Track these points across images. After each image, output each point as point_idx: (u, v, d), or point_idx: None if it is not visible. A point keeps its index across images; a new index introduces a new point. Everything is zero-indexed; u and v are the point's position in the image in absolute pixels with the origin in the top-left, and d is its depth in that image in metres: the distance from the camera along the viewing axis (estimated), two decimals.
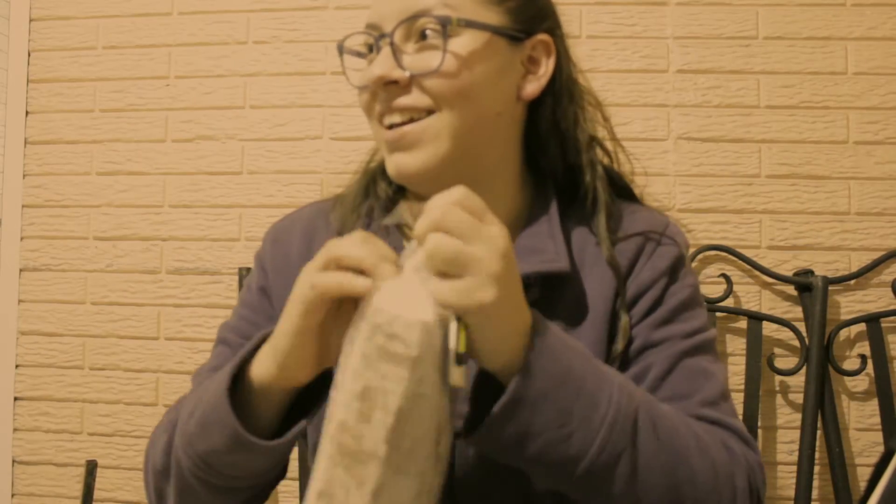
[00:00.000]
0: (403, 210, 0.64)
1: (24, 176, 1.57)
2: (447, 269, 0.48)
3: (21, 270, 1.56)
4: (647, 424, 0.54)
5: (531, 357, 0.50)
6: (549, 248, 0.66)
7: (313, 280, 0.51)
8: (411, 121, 0.63)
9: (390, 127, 0.64)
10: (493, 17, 0.64)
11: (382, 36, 0.63)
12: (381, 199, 0.73)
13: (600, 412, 0.52)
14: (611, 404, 0.52)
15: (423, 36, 0.62)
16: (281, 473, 0.64)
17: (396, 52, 0.62)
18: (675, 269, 0.68)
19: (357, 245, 0.50)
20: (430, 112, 0.62)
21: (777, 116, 1.41)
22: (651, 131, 1.43)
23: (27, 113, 1.57)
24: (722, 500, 0.56)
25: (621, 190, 0.76)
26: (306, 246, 0.73)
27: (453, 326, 0.48)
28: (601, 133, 0.76)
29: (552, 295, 0.66)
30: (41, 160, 1.57)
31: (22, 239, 1.56)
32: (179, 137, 1.53)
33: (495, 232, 0.50)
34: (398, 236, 0.70)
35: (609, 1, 1.45)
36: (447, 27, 0.61)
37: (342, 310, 0.53)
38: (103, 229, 1.54)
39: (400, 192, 0.75)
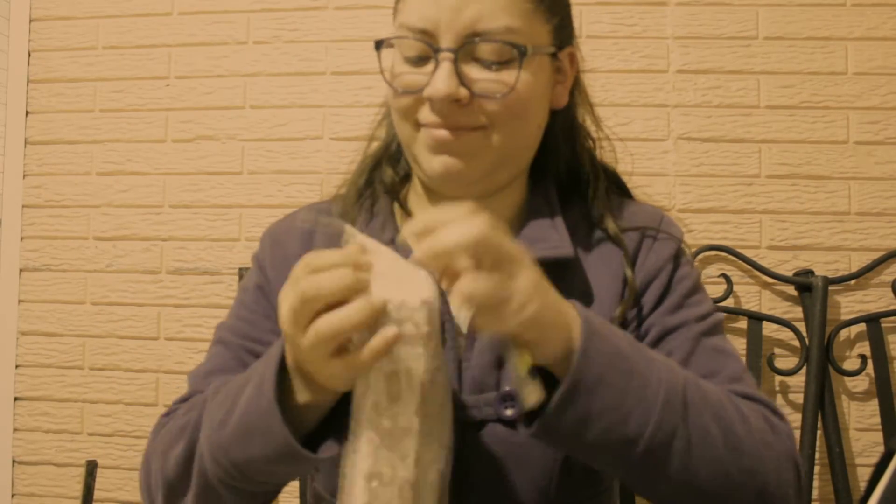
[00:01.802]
0: (406, 234, 0.65)
1: (24, 176, 1.57)
2: (485, 304, 0.49)
3: (21, 270, 1.56)
4: (696, 399, 0.56)
5: (585, 343, 0.52)
6: (553, 237, 0.68)
7: (307, 343, 0.49)
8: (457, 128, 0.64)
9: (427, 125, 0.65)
10: (544, 35, 0.66)
11: (444, 50, 0.61)
12: (385, 184, 0.75)
13: (652, 390, 0.53)
14: (661, 382, 0.54)
15: (483, 53, 0.62)
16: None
17: (459, 71, 0.62)
18: (678, 256, 0.71)
19: (318, 277, 0.49)
20: (481, 127, 0.64)
21: (777, 116, 1.41)
22: (651, 131, 1.43)
23: (27, 113, 1.58)
24: (768, 468, 0.57)
25: (616, 186, 0.79)
26: (305, 247, 0.73)
27: (512, 354, 0.52)
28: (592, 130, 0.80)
29: (558, 282, 0.66)
30: (41, 160, 1.57)
31: (22, 239, 1.56)
32: (179, 137, 1.53)
33: (517, 251, 0.51)
34: (392, 227, 0.72)
35: (609, 1, 1.45)
36: (524, 58, 0.62)
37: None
38: (103, 229, 1.54)
39: (404, 181, 0.76)
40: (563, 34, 0.70)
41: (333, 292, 0.48)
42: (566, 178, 0.75)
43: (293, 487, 1.42)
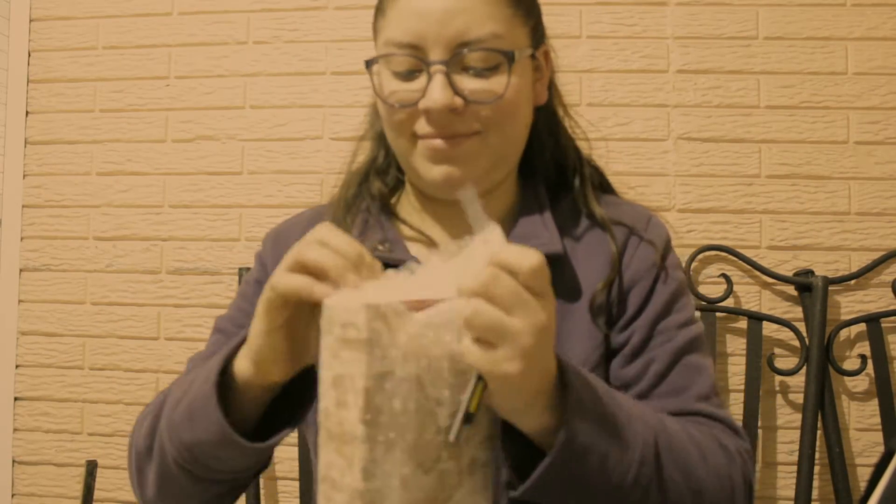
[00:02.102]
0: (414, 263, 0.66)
1: (24, 176, 1.57)
2: (482, 337, 0.48)
3: (21, 270, 1.56)
4: (665, 450, 0.57)
5: (569, 418, 0.51)
6: (543, 235, 0.70)
7: (275, 282, 0.52)
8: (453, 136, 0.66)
9: (424, 137, 0.66)
10: (523, 37, 0.68)
11: (435, 63, 0.63)
12: (375, 199, 0.76)
13: (631, 451, 0.55)
14: (637, 440, 0.55)
15: (472, 61, 0.64)
16: (262, 468, 0.65)
17: (452, 81, 0.64)
18: (663, 259, 0.72)
19: (322, 250, 0.51)
20: (476, 132, 0.66)
21: (777, 116, 1.41)
22: (651, 131, 1.43)
23: (27, 113, 1.58)
24: (723, 501, 0.60)
25: (603, 186, 0.81)
26: None
27: (471, 384, 0.50)
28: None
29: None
30: (41, 160, 1.57)
31: (22, 239, 1.56)
32: (179, 137, 1.53)
33: (537, 305, 0.49)
34: (394, 230, 0.73)
35: (609, 1, 1.45)
36: (512, 63, 0.64)
37: (317, 309, 0.53)
38: (103, 229, 1.54)
39: (393, 191, 0.78)
40: (538, 34, 0.71)
41: (316, 267, 0.51)
42: (553, 174, 0.77)
43: (293, 487, 1.42)
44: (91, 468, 1.37)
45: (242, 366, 0.57)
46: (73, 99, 1.56)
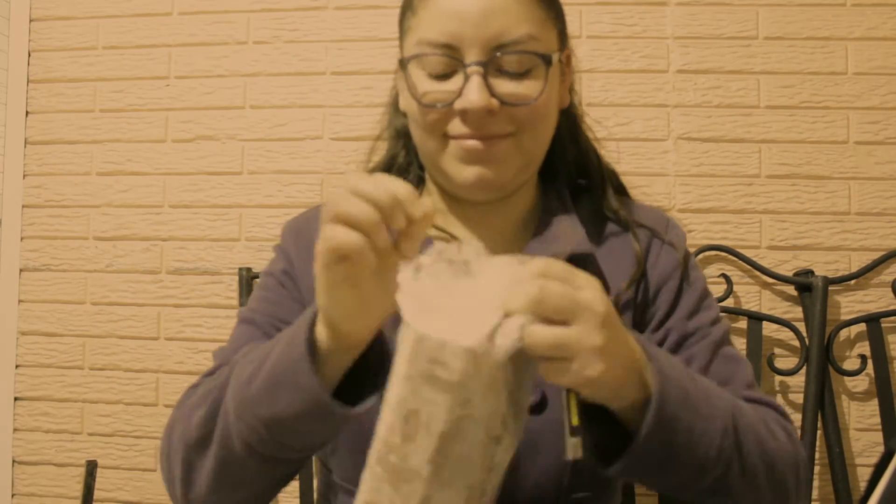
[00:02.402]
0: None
1: (24, 176, 1.57)
2: (551, 354, 0.48)
3: (21, 270, 1.56)
4: (741, 424, 0.59)
5: (659, 389, 0.52)
6: (575, 234, 0.71)
7: (321, 236, 0.51)
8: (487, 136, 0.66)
9: (457, 137, 0.66)
10: (554, 41, 0.69)
11: (472, 64, 0.63)
12: None
13: (714, 423, 0.56)
14: (719, 413, 0.57)
15: (508, 64, 0.64)
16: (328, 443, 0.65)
17: (488, 82, 0.64)
18: (686, 259, 0.74)
19: (354, 202, 0.49)
20: (509, 134, 0.66)
21: (777, 116, 1.41)
22: (651, 131, 1.43)
23: (27, 113, 1.58)
24: (788, 476, 0.62)
25: (617, 187, 0.82)
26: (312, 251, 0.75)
27: (564, 400, 0.50)
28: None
29: None
30: (41, 160, 1.57)
31: (22, 239, 1.56)
32: (179, 137, 1.53)
33: (591, 297, 0.49)
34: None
35: (609, 1, 1.45)
36: (549, 66, 0.65)
37: (385, 260, 0.51)
38: (103, 229, 1.54)
39: (413, 185, 0.77)
40: (564, 37, 0.72)
41: (350, 221, 0.49)
42: (575, 176, 0.78)
43: (293, 487, 1.42)
44: (91, 468, 1.37)
45: (321, 333, 0.54)
46: (73, 99, 1.56)
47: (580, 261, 0.69)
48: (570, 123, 0.77)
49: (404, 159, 0.79)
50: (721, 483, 0.56)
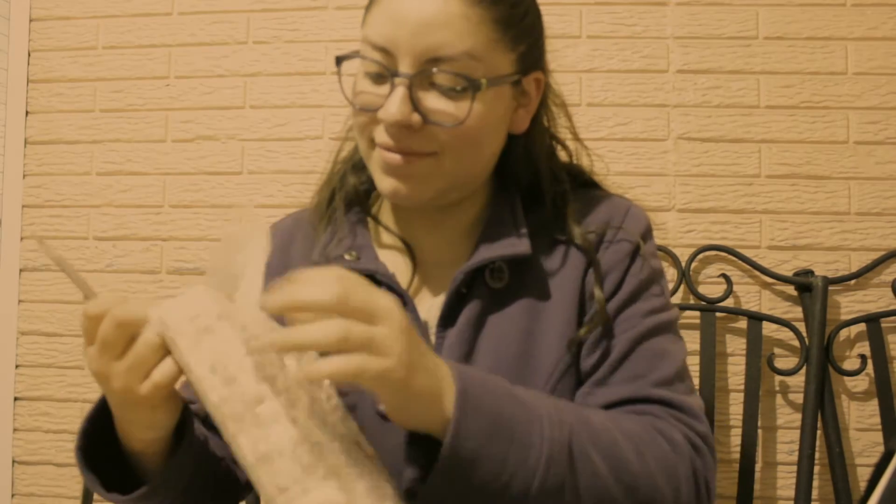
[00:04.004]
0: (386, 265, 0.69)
1: (24, 176, 1.57)
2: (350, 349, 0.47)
3: (21, 270, 1.56)
4: (583, 448, 0.55)
5: (459, 415, 0.51)
6: (513, 235, 0.69)
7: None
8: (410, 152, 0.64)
9: (384, 147, 0.65)
10: (506, 64, 0.65)
11: (400, 75, 0.61)
12: (350, 197, 0.75)
13: (534, 452, 0.53)
14: (543, 440, 0.53)
15: (440, 80, 0.62)
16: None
17: (414, 96, 0.61)
18: (636, 251, 0.71)
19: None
20: (432, 153, 0.64)
21: (777, 116, 1.41)
22: (651, 131, 1.43)
23: (27, 113, 1.57)
24: (665, 496, 0.58)
25: (584, 182, 0.79)
26: (283, 257, 0.75)
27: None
28: (563, 134, 0.79)
29: (519, 279, 0.69)
30: (41, 160, 1.57)
31: (22, 239, 1.56)
32: (179, 137, 1.53)
33: (389, 306, 0.49)
34: (363, 232, 0.73)
35: (609, 1, 1.45)
36: (477, 91, 0.61)
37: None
38: (103, 229, 1.54)
39: (369, 190, 0.77)
40: (530, 60, 0.68)
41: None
42: (526, 187, 0.75)
43: None
44: None
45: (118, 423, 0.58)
46: (73, 99, 1.56)
47: (518, 265, 0.69)
48: (527, 149, 0.73)
49: (360, 158, 0.76)
50: None
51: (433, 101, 0.62)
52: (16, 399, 1.54)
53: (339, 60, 0.66)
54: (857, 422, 1.37)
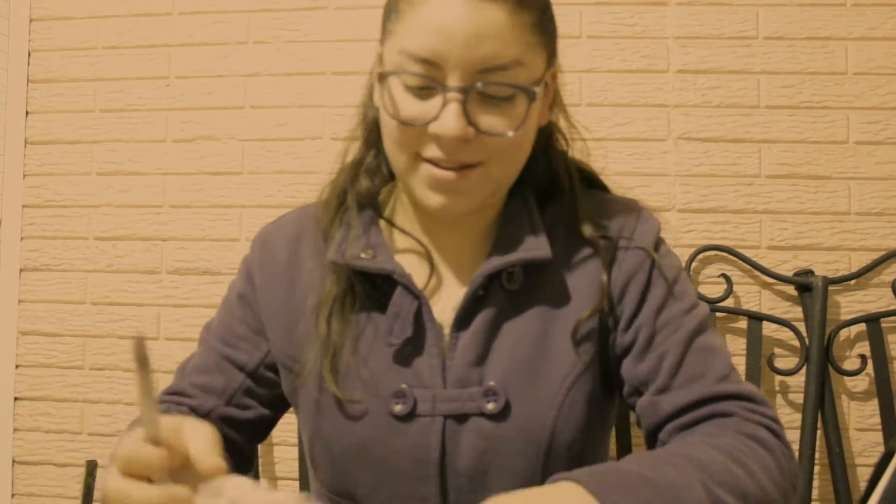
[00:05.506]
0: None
1: (24, 176, 1.57)
2: None
3: (21, 270, 1.56)
4: (712, 490, 0.55)
5: None
6: (531, 239, 0.69)
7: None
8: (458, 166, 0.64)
9: (429, 161, 0.64)
10: (541, 65, 0.65)
11: (453, 90, 0.60)
12: (363, 199, 0.75)
13: None
14: (690, 496, 0.53)
15: (491, 90, 0.61)
16: None
17: (467, 109, 0.61)
18: (656, 249, 0.71)
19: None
20: (480, 162, 0.64)
21: (777, 116, 1.41)
22: (651, 131, 1.43)
23: (27, 113, 1.58)
24: (773, 496, 0.59)
25: (593, 182, 0.79)
26: (293, 252, 0.75)
27: None
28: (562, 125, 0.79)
29: (534, 281, 0.69)
30: (41, 160, 1.57)
31: (22, 239, 1.56)
32: (179, 137, 1.53)
33: None
34: (377, 231, 0.72)
35: (609, 1, 1.45)
36: (533, 101, 0.62)
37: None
38: (103, 229, 1.54)
39: (382, 193, 0.77)
40: (554, 56, 0.69)
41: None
42: (544, 184, 0.75)
43: (293, 487, 1.42)
44: (91, 468, 1.37)
45: None
46: (73, 99, 1.56)
47: (538, 268, 0.69)
48: (545, 139, 0.74)
49: (373, 160, 0.76)
50: None
51: (485, 112, 0.62)
52: (16, 399, 1.54)
53: (383, 77, 0.64)
54: (857, 422, 1.37)
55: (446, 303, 0.70)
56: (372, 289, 0.70)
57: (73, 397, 1.52)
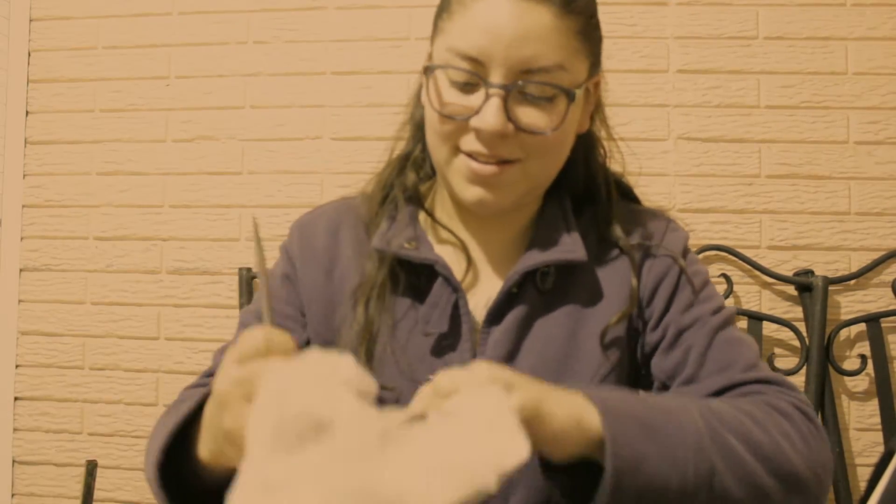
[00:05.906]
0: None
1: (24, 176, 1.57)
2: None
3: (21, 270, 1.56)
4: (716, 430, 0.57)
5: (610, 430, 0.52)
6: (566, 240, 0.71)
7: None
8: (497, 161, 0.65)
9: (468, 154, 0.66)
10: (584, 71, 0.67)
11: (495, 86, 0.62)
12: (409, 192, 0.76)
13: (681, 445, 0.54)
14: (684, 432, 0.55)
15: (532, 89, 0.63)
16: None
17: (508, 106, 0.63)
18: (684, 256, 0.74)
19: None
20: (517, 159, 0.65)
21: (777, 116, 1.41)
22: (651, 131, 1.43)
23: (27, 113, 1.58)
24: (795, 462, 0.59)
25: (625, 192, 0.82)
26: (332, 239, 0.76)
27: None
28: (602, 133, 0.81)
29: (566, 282, 0.71)
30: (41, 160, 1.57)
31: (22, 239, 1.56)
32: (179, 137, 1.53)
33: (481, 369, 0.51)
34: (419, 225, 0.74)
35: (609, 1, 1.45)
36: (572, 103, 0.64)
37: None
38: (103, 229, 1.54)
39: (427, 185, 0.78)
40: (598, 63, 0.71)
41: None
42: (580, 190, 0.77)
43: None
44: (91, 468, 1.37)
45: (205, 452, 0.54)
46: (73, 99, 1.56)
47: (573, 269, 0.70)
48: (585, 147, 0.76)
49: (420, 154, 0.79)
50: (716, 497, 0.55)
51: (525, 110, 0.64)
52: (16, 399, 1.54)
53: (428, 70, 0.67)
54: (857, 422, 1.37)
55: (480, 298, 0.72)
56: (413, 279, 0.71)
57: (73, 397, 1.52)
